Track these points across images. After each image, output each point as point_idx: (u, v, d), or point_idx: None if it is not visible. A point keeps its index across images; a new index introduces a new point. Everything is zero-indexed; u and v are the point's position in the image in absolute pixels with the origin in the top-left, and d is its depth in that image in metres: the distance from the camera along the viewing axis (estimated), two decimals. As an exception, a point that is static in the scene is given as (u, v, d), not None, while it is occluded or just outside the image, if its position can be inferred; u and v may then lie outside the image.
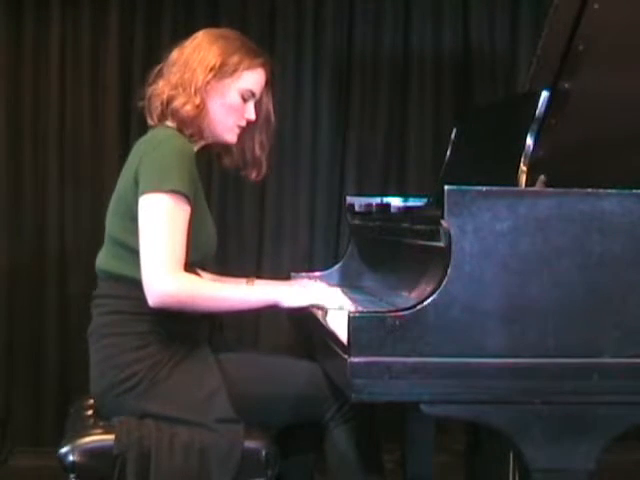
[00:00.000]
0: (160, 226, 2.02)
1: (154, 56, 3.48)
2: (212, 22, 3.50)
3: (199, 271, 2.23)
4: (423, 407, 1.74)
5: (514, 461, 2.30)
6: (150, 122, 2.25)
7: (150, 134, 2.21)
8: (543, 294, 1.76)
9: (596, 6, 2.01)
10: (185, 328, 2.13)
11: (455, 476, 2.93)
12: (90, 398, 2.25)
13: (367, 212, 2.62)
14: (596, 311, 1.78)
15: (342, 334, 1.79)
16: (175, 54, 2.24)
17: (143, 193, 2.05)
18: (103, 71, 3.53)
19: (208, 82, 2.18)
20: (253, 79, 2.24)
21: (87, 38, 3.52)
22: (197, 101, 2.17)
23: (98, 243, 3.46)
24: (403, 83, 3.68)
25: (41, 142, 3.51)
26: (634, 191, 1.81)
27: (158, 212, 2.03)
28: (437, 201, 1.81)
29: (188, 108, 2.16)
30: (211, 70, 2.18)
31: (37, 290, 3.51)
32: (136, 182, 2.08)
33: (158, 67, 2.26)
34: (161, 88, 2.20)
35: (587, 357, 1.77)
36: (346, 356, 1.72)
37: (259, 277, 2.62)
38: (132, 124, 3.52)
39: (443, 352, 1.73)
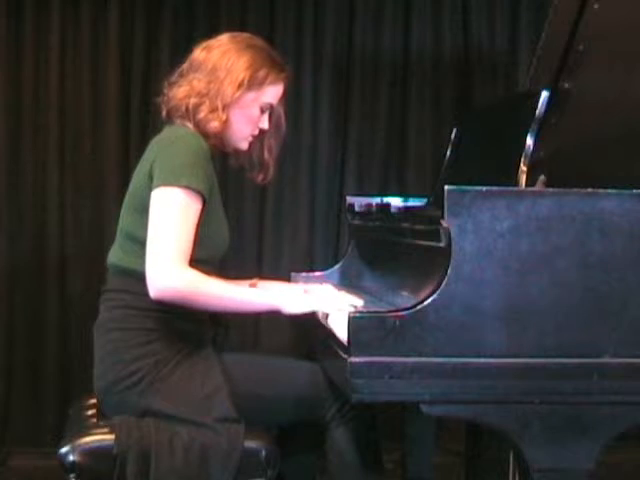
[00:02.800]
0: (170, 219, 2.03)
1: (154, 56, 3.53)
2: (212, 22, 3.51)
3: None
4: (423, 407, 1.75)
5: (514, 461, 2.30)
6: (165, 118, 2.24)
7: (167, 132, 2.21)
8: (543, 294, 1.76)
9: (596, 6, 2.01)
10: (191, 327, 2.13)
11: (455, 476, 2.93)
12: (90, 398, 2.25)
13: (367, 212, 2.62)
14: (596, 311, 1.78)
15: (342, 334, 1.79)
16: (200, 56, 2.21)
17: (157, 187, 2.06)
18: (103, 71, 3.53)
19: (237, 98, 2.18)
20: (275, 93, 2.25)
21: (87, 38, 3.52)
22: (224, 117, 2.16)
23: (98, 243, 3.47)
24: (403, 83, 3.67)
25: (41, 142, 3.51)
26: (634, 191, 1.81)
27: (169, 206, 2.04)
28: (437, 201, 1.81)
29: (215, 124, 2.16)
30: (240, 86, 2.17)
31: (37, 290, 3.51)
32: (150, 178, 2.09)
33: (180, 67, 2.23)
34: (185, 92, 2.18)
35: (587, 357, 1.77)
36: (346, 356, 1.72)
37: (261, 277, 2.61)
38: (132, 124, 3.52)
39: (443, 352, 1.73)
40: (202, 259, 2.11)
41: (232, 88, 2.17)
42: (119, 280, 2.16)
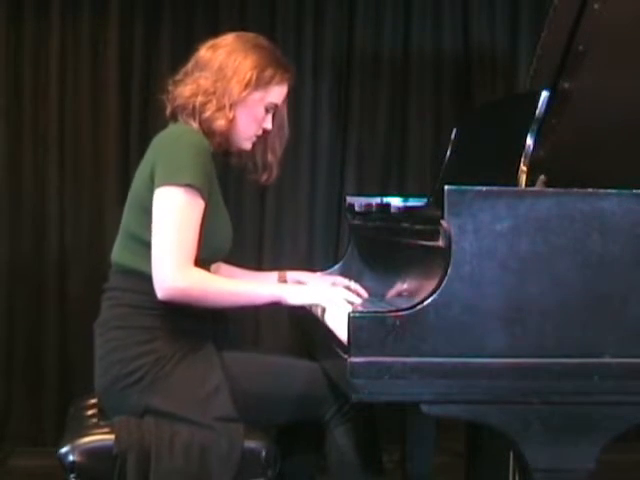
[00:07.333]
0: (172, 220, 2.04)
1: (154, 56, 3.53)
2: (211, 23, 3.52)
3: (222, 265, 2.24)
4: (423, 407, 1.75)
5: (514, 461, 2.30)
6: (169, 116, 2.24)
7: (168, 129, 2.21)
8: (543, 294, 1.76)
9: (596, 6, 2.00)
10: (192, 325, 2.13)
11: (455, 476, 2.92)
12: (90, 398, 2.26)
13: (367, 212, 2.62)
14: (596, 311, 1.78)
15: (342, 334, 1.79)
16: (206, 55, 2.21)
17: (158, 186, 2.06)
18: (103, 71, 3.54)
19: (244, 97, 2.18)
20: (280, 93, 2.25)
21: (87, 38, 3.53)
22: (231, 116, 2.17)
23: (98, 243, 3.47)
24: (403, 83, 3.68)
25: (41, 142, 3.52)
26: (634, 191, 1.81)
27: (171, 205, 2.04)
28: (437, 201, 1.81)
29: (222, 123, 2.16)
30: (247, 85, 2.17)
31: (37, 290, 3.51)
32: (151, 177, 2.09)
33: (186, 66, 2.23)
34: (192, 91, 2.17)
35: (587, 357, 1.77)
36: (346, 356, 1.72)
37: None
38: (132, 124, 3.53)
39: (443, 352, 1.73)
40: (205, 258, 2.11)
41: (239, 87, 2.17)
42: (121, 278, 2.17)
